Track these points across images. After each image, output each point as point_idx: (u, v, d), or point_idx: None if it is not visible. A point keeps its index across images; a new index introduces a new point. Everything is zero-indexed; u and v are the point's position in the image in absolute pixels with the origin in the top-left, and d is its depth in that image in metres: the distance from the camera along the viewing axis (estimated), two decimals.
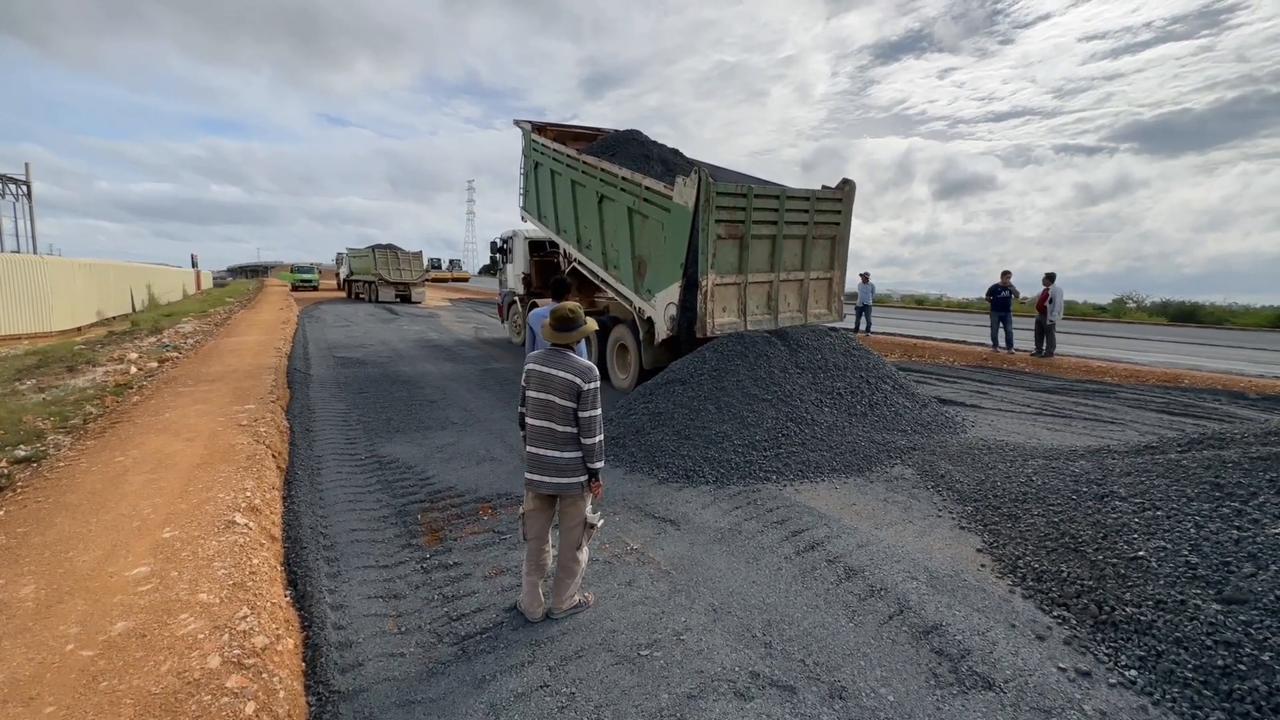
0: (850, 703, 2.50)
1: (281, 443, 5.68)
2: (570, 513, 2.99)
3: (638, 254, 7.79)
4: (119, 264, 20.20)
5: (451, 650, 2.84)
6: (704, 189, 6.42)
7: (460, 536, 4.03)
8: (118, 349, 11.12)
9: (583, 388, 2.80)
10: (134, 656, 2.33)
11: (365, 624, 3.03)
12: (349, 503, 4.58)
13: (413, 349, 12.99)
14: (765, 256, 7.32)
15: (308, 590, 3.27)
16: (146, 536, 3.37)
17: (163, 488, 4.10)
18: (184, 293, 31.22)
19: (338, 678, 2.62)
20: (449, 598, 3.28)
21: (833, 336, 7.42)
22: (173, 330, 14.52)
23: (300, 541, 3.83)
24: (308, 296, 32.54)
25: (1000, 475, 4.87)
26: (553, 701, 2.50)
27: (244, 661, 2.31)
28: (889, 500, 4.68)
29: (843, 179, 7.98)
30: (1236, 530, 3.10)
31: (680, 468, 5.19)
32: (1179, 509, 3.42)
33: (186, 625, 2.53)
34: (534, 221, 11.57)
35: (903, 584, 3.44)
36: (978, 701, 2.51)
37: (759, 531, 4.11)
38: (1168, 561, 3.09)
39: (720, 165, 9.59)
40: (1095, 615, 3.00)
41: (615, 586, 3.41)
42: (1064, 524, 3.78)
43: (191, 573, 2.97)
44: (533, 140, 10.95)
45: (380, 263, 27.38)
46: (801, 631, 2.99)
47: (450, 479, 5.12)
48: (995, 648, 2.86)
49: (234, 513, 3.68)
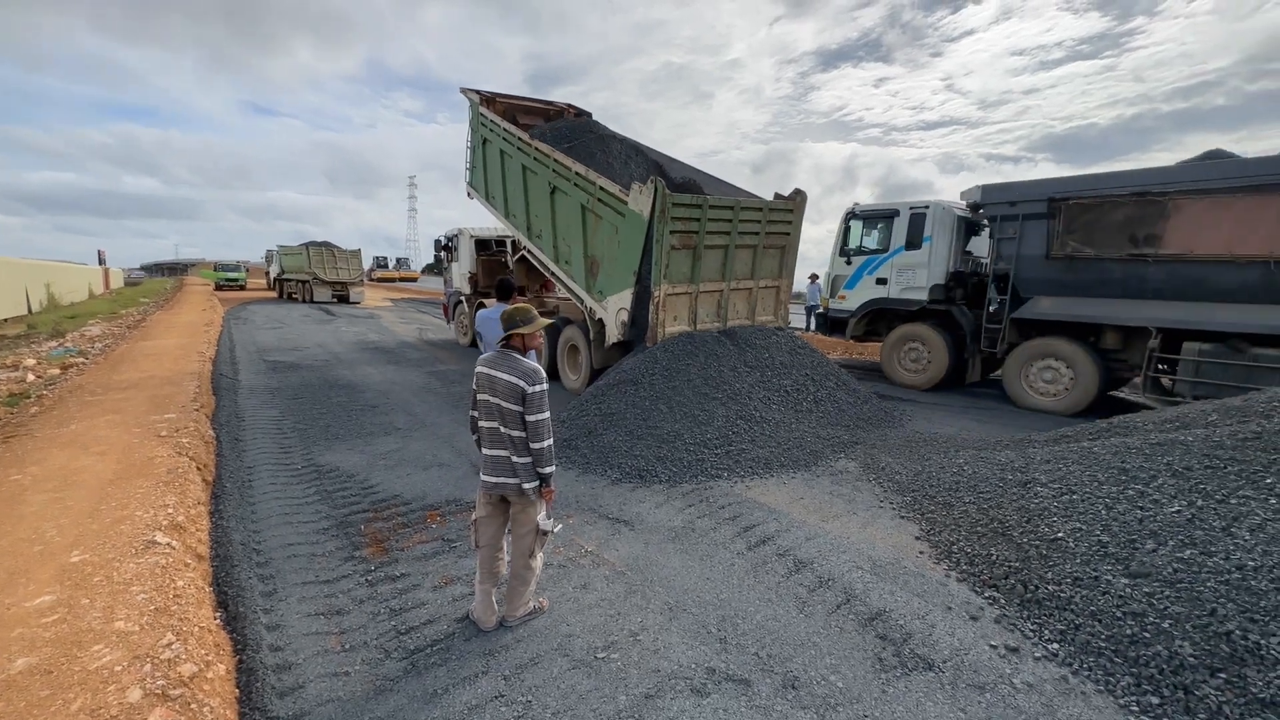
0: (803, 692, 2.59)
1: (207, 454, 5.30)
2: (521, 518, 2.94)
3: (590, 253, 7.68)
4: (12, 260, 18.26)
5: (400, 665, 2.73)
6: (660, 199, 6.37)
7: (407, 546, 3.89)
8: (11, 354, 10.06)
9: (527, 391, 2.76)
10: (38, 696, 2.11)
11: (305, 643, 2.87)
12: (285, 516, 4.33)
13: (352, 351, 12.41)
14: (717, 266, 7.33)
15: (240, 611, 3.07)
16: (51, 562, 3.06)
17: (69, 507, 3.74)
18: (90, 292, 28.57)
19: (276, 702, 2.48)
20: (396, 610, 3.16)
21: (779, 335, 7.63)
22: (77, 333, 13.26)
23: (231, 559, 3.59)
24: (234, 296, 30.51)
25: (935, 466, 5.15)
26: (509, 711, 2.45)
27: (169, 692, 2.14)
28: (834, 493, 4.86)
29: (795, 189, 8.10)
30: (1140, 510, 3.40)
31: (633, 468, 5.20)
32: (1092, 493, 3.73)
33: (101, 657, 2.32)
34: (480, 200, 10.93)
35: (849, 574, 3.58)
36: (919, 682, 2.65)
37: (712, 529, 4.18)
38: (1083, 541, 3.36)
39: (675, 158, 9.43)
40: (1022, 594, 3.23)
41: (570, 590, 3.38)
42: (992, 510, 4.04)
43: (106, 599, 2.73)
44: (481, 114, 10.16)
45: (315, 261, 26.00)
46: (755, 625, 3.06)
47: (395, 486, 4.92)
48: (934, 630, 3.02)
49: (154, 531, 3.40)
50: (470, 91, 10.58)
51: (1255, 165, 6.30)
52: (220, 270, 37.87)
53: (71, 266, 28.21)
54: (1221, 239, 6.36)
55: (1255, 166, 6.27)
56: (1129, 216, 6.97)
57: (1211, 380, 6.40)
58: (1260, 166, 6.22)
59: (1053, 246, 7.55)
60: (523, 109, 10.81)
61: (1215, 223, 6.40)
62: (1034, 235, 7.68)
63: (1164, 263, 6.75)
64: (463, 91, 10.81)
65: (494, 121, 9.72)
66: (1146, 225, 6.84)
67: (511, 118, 10.28)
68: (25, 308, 17.87)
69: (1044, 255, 7.64)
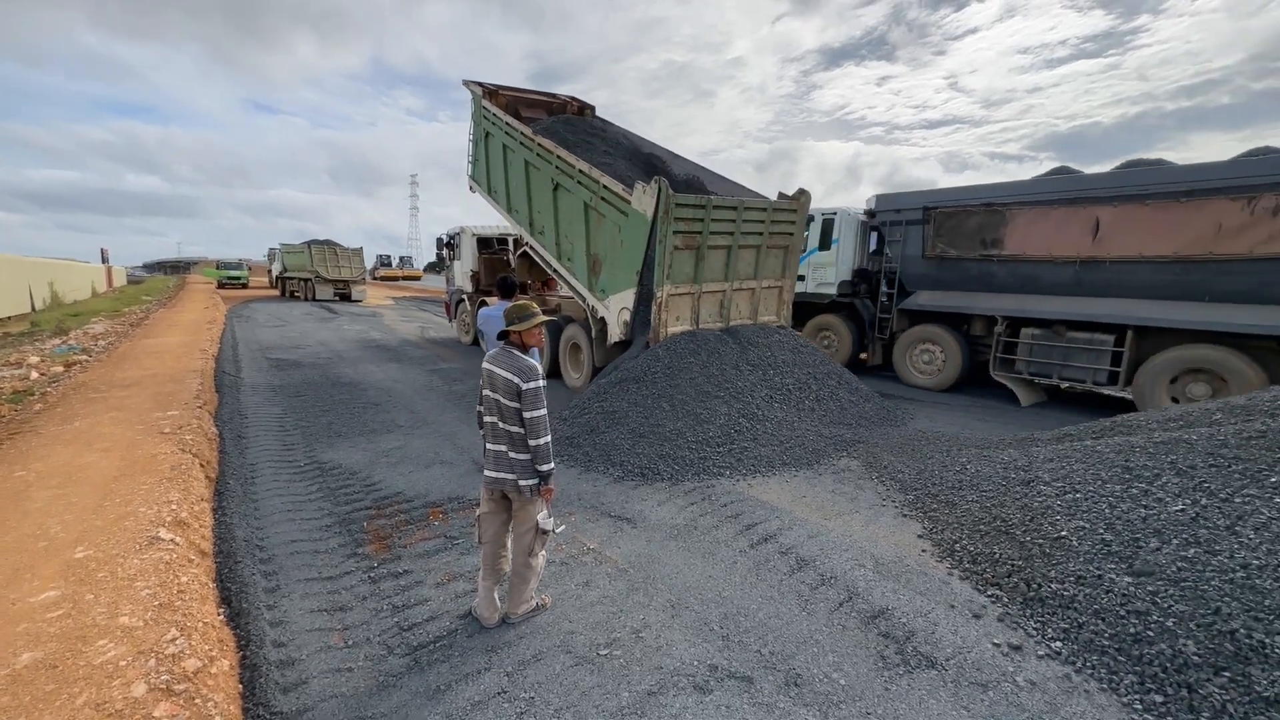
0: (805, 689, 2.58)
1: (210, 451, 5.31)
2: (521, 516, 2.94)
3: (593, 251, 7.65)
4: (14, 258, 18.30)
5: (403, 661, 2.74)
6: (664, 199, 6.32)
7: (410, 543, 3.89)
8: (15, 352, 10.09)
9: (522, 387, 2.76)
10: (44, 690, 2.12)
11: (308, 639, 2.88)
12: (288, 512, 4.34)
13: (354, 350, 12.43)
14: (720, 266, 7.29)
15: (243, 607, 3.07)
16: (55, 557, 3.07)
17: (74, 503, 3.75)
18: (93, 290, 28.62)
19: (279, 698, 2.48)
20: (399, 607, 3.16)
21: (781, 334, 7.62)
22: (81, 331, 13.29)
23: (234, 556, 3.60)
24: (236, 295, 30.57)
25: (938, 465, 5.14)
26: (511, 708, 2.46)
27: (173, 687, 2.15)
28: (837, 492, 4.86)
29: (799, 189, 8.06)
30: (1144, 509, 3.39)
31: (635, 466, 5.20)
32: (1095, 491, 3.72)
33: (105, 652, 2.33)
34: (483, 194, 10.84)
35: (851, 572, 3.57)
36: (922, 680, 2.65)
37: (714, 527, 4.18)
38: (1086, 540, 3.35)
39: (679, 154, 9.40)
40: (1024, 593, 3.22)
41: (573, 587, 3.38)
42: (995, 509, 4.03)
43: (110, 595, 2.73)
44: (483, 107, 10.05)
45: (317, 259, 26.05)
46: (757, 623, 3.06)
47: (398, 484, 4.93)
48: (937, 628, 3.02)
49: (158, 528, 3.41)
50: (473, 84, 10.47)
51: (1066, 182, 7.63)
52: (222, 268, 37.93)
53: (74, 264, 28.28)
54: (1044, 243, 7.62)
55: (1066, 183, 7.61)
56: (980, 223, 8.25)
57: (1040, 359, 7.78)
58: (1068, 184, 7.57)
59: (927, 248, 8.88)
60: (525, 102, 10.69)
61: (1039, 229, 7.66)
62: (914, 238, 9.05)
63: (1005, 262, 8.06)
64: (465, 84, 10.69)
65: (496, 115, 9.62)
66: (992, 231, 8.13)
67: (514, 111, 10.16)
68: (29, 305, 17.92)
69: (921, 255, 8.99)
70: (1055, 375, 7.69)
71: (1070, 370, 7.55)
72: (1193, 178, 6.47)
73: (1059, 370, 7.64)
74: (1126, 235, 6.92)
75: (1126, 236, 6.92)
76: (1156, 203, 6.64)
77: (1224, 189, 6.24)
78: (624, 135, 10.26)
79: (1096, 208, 7.13)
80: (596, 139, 9.23)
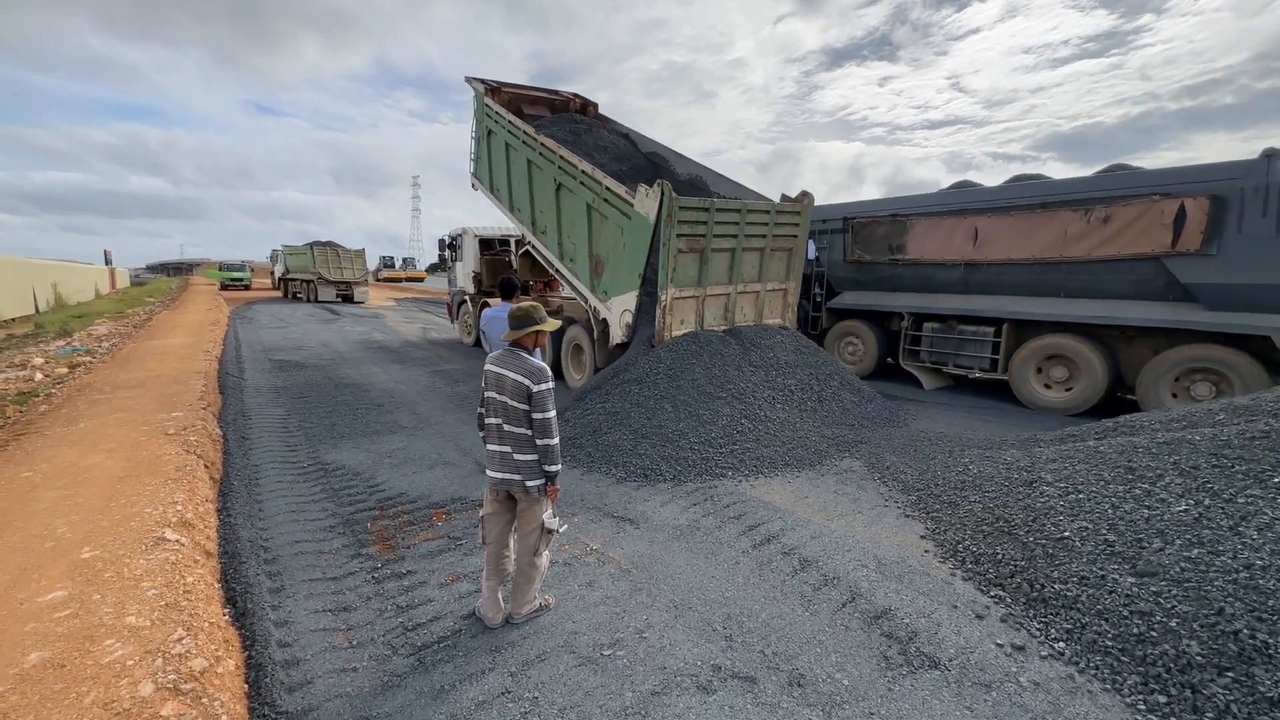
0: (808, 689, 2.59)
1: (214, 452, 5.33)
2: (526, 516, 2.96)
3: (595, 252, 7.65)
4: (19, 260, 18.38)
5: (408, 661, 2.75)
6: (667, 202, 6.30)
7: (413, 544, 3.91)
8: (19, 353, 10.14)
9: (533, 389, 2.77)
10: (52, 689, 2.14)
11: (313, 639, 2.90)
12: (292, 513, 4.35)
13: (357, 351, 12.47)
14: (724, 269, 7.28)
15: (248, 607, 3.09)
16: (62, 558, 3.09)
17: (80, 504, 3.77)
18: (96, 292, 28.73)
19: (284, 697, 2.50)
20: (403, 607, 3.18)
21: (783, 335, 7.62)
22: (85, 333, 13.35)
23: (239, 556, 3.61)
24: (239, 296, 30.67)
25: (940, 465, 5.14)
26: (515, 708, 2.46)
27: (180, 687, 2.16)
28: (839, 492, 4.86)
29: (802, 191, 8.05)
30: (1147, 509, 3.39)
31: (638, 467, 5.21)
32: (1098, 492, 3.72)
33: (113, 652, 2.34)
34: (485, 192, 10.79)
35: (854, 572, 3.58)
36: (925, 680, 2.65)
37: (717, 527, 4.18)
38: (1089, 540, 3.35)
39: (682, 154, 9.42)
40: (1027, 593, 3.22)
41: (576, 588, 3.39)
42: (998, 509, 4.03)
43: (117, 595, 2.75)
44: (486, 104, 9.99)
45: (320, 261, 26.12)
46: (760, 623, 3.07)
47: (401, 485, 4.95)
48: (940, 628, 3.02)
49: (163, 528, 3.43)
50: (475, 81, 10.40)
51: (952, 196, 8.69)
52: (225, 270, 38.07)
53: (78, 266, 28.38)
54: (938, 248, 8.61)
55: (952, 197, 8.67)
56: (888, 232, 9.25)
57: (939, 349, 8.90)
58: (953, 197, 8.65)
59: (847, 254, 9.86)
60: (528, 99, 10.63)
61: (934, 237, 8.65)
62: (838, 245, 10.02)
63: (908, 265, 9.04)
64: (468, 80, 10.61)
65: (499, 113, 9.55)
66: (897, 238, 9.11)
67: (516, 108, 10.10)
68: (33, 307, 18.00)
69: (843, 260, 9.97)
70: (950, 363, 8.79)
71: (961, 358, 8.66)
72: (1043, 193, 7.60)
73: (953, 359, 8.74)
74: (999, 242, 7.96)
75: (999, 243, 7.96)
76: (1019, 214, 7.76)
77: (1067, 202, 7.31)
78: (626, 134, 10.25)
79: (976, 218, 8.16)
80: (598, 137, 9.21)
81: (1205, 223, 6.29)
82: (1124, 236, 6.86)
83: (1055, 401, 7.76)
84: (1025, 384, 8.00)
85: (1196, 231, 6.34)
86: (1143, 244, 6.73)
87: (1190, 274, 6.52)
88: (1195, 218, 6.35)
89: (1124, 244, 6.86)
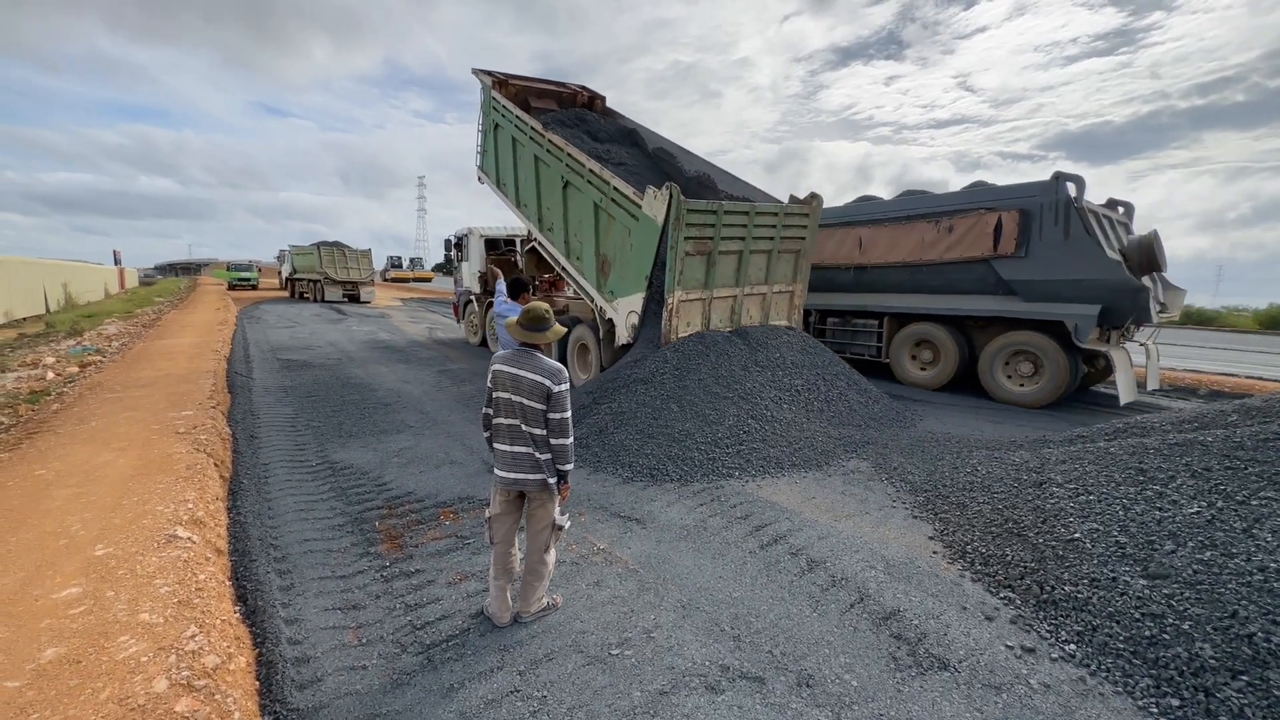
0: (817, 689, 2.59)
1: (224, 451, 5.37)
2: (538, 515, 2.96)
3: (602, 252, 7.64)
4: (30, 260, 18.57)
5: (417, 660, 2.76)
6: (675, 206, 6.27)
7: (421, 543, 3.92)
8: (31, 353, 10.24)
9: (552, 390, 2.78)
10: (68, 685, 2.16)
11: (323, 637, 2.91)
12: (300, 512, 4.38)
13: (363, 350, 12.53)
14: (731, 272, 7.25)
15: (259, 605, 3.11)
16: (76, 555, 3.12)
17: (92, 502, 3.81)
18: (106, 292, 29.00)
19: (295, 695, 2.51)
20: (412, 606, 3.19)
21: (790, 335, 7.61)
22: (95, 332, 13.47)
23: (249, 554, 3.64)
24: (247, 296, 30.86)
25: (948, 466, 5.12)
26: (524, 706, 2.47)
27: (194, 683, 2.18)
28: (846, 493, 4.85)
29: (811, 193, 8.00)
30: (1159, 511, 3.37)
31: (644, 467, 5.21)
32: (1109, 493, 3.69)
33: (127, 648, 2.36)
34: (491, 186, 10.73)
35: (862, 573, 3.57)
36: (934, 681, 2.64)
37: (724, 527, 4.18)
38: (1100, 542, 3.33)
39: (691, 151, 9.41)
40: (1037, 595, 3.20)
41: (583, 587, 3.40)
42: (1007, 510, 4.01)
43: (130, 592, 2.78)
44: (493, 98, 9.90)
45: (326, 261, 26.28)
46: (768, 623, 3.06)
47: (409, 484, 4.97)
48: (949, 630, 3.01)
49: (175, 526, 3.46)
50: (482, 73, 10.34)
51: (842, 210, 10.14)
52: (233, 270, 38.35)
53: (88, 266, 28.66)
54: (835, 254, 10.04)
55: (842, 211, 10.11)
56: None
57: (841, 340, 10.29)
58: (843, 211, 10.10)
59: None
60: (535, 92, 10.55)
61: (833, 244, 10.02)
62: None
63: (816, 269, 9.66)
64: (474, 73, 10.54)
65: (506, 107, 9.48)
66: None
67: (524, 101, 10.04)
68: (43, 307, 18.18)
69: None
70: (848, 351, 10.11)
71: (855, 346, 10.14)
72: (907, 208, 9.22)
73: (849, 347, 10.16)
74: (878, 248, 9.50)
75: (878, 249, 9.50)
76: (892, 225, 9.29)
77: (924, 215, 8.88)
78: (634, 129, 10.22)
79: (861, 229, 9.73)
80: (604, 133, 9.14)
81: (1017, 231, 7.86)
82: (963, 243, 8.43)
83: (922, 379, 9.40)
84: (901, 365, 9.65)
85: (1011, 238, 7.92)
86: (976, 249, 8.31)
87: (1009, 272, 8.08)
88: (1009, 228, 7.93)
89: (963, 249, 8.44)
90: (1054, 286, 7.70)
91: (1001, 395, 8.45)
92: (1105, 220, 7.91)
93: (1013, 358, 8.40)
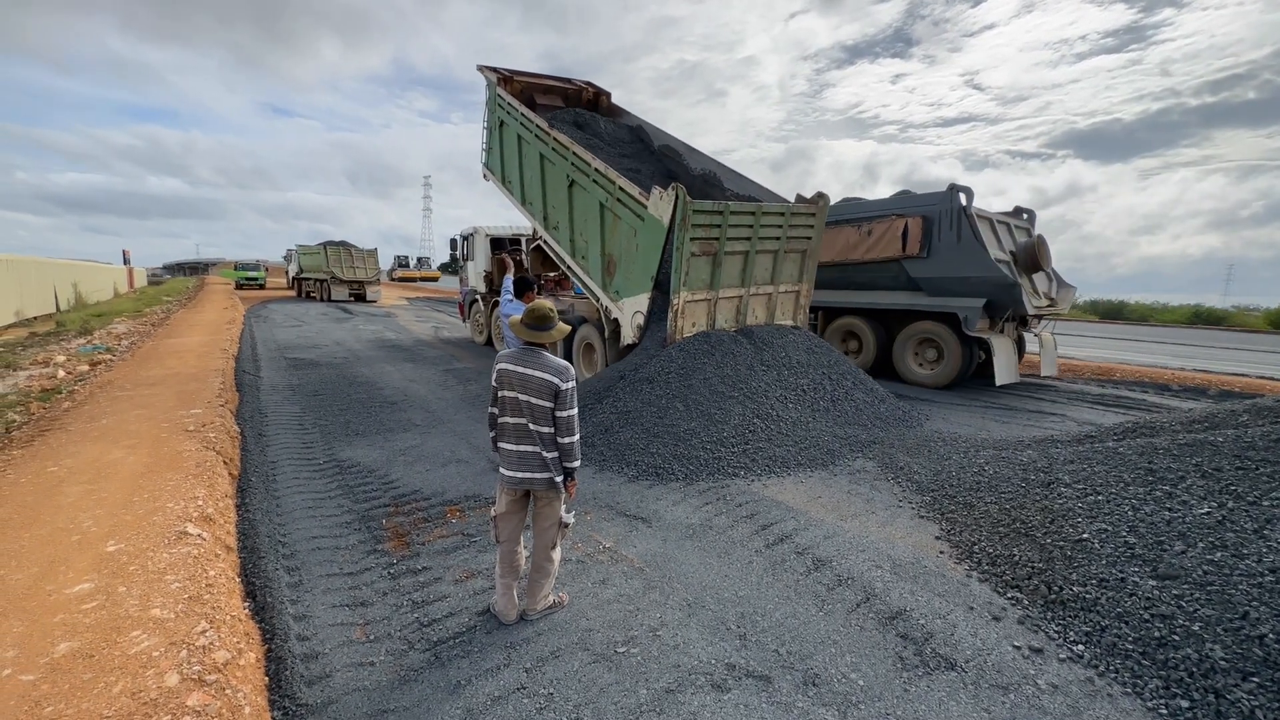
0: (823, 689, 2.58)
1: (233, 448, 5.41)
2: (545, 512, 2.97)
3: (608, 252, 7.62)
4: (41, 260, 18.75)
5: (424, 656, 2.77)
6: (681, 207, 6.25)
7: (428, 540, 3.94)
8: (42, 351, 10.35)
9: (560, 387, 2.78)
10: (81, 679, 2.19)
11: (331, 634, 2.93)
12: (308, 509, 4.41)
13: (370, 349, 12.59)
14: (737, 272, 7.23)
15: (268, 601, 3.14)
16: (88, 551, 3.15)
17: (104, 498, 3.85)
18: (115, 291, 29.24)
19: (304, 690, 2.53)
20: (419, 603, 3.21)
21: (796, 335, 7.59)
22: (104, 331, 13.60)
23: (258, 551, 3.67)
24: (254, 295, 31.07)
25: (955, 466, 5.10)
26: (531, 703, 2.48)
27: (205, 678, 2.20)
28: (853, 492, 4.83)
29: (817, 192, 7.95)
30: (1168, 511, 3.35)
31: (650, 465, 5.21)
32: (1118, 493, 3.67)
33: (139, 643, 2.39)
34: (496, 183, 10.69)
35: (868, 573, 3.56)
36: (941, 681, 2.64)
37: (729, 526, 4.18)
38: (1109, 542, 3.31)
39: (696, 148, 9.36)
40: (1045, 595, 3.19)
41: (589, 585, 3.41)
42: (1015, 510, 3.99)
43: (142, 587, 2.80)
44: (498, 95, 9.84)
45: (333, 260, 26.41)
46: (774, 622, 3.06)
47: (415, 482, 4.99)
48: (956, 630, 3.00)
49: (185, 523, 3.49)
50: (487, 70, 10.30)
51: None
52: (240, 269, 38.61)
53: (98, 266, 28.92)
54: None
55: None
56: None
57: None
58: None
59: None
60: (540, 88, 10.51)
61: None
62: None
63: None
64: (480, 69, 10.50)
65: (511, 105, 9.43)
66: None
67: (529, 98, 10.01)
68: (54, 306, 18.36)
69: None
70: None
71: None
72: (837, 214, 9.91)
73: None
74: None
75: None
76: (827, 228, 9.64)
77: (849, 220, 9.89)
78: (640, 125, 10.20)
79: None
80: (611, 131, 9.11)
81: (921, 235, 8.89)
82: (879, 245, 9.45)
83: None
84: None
85: (916, 241, 8.93)
86: (889, 250, 9.32)
87: (916, 271, 9.12)
88: (914, 232, 8.93)
89: (879, 250, 9.47)
90: (949, 283, 8.80)
91: (909, 377, 9.63)
92: (1001, 225, 9.08)
93: (919, 345, 9.57)
